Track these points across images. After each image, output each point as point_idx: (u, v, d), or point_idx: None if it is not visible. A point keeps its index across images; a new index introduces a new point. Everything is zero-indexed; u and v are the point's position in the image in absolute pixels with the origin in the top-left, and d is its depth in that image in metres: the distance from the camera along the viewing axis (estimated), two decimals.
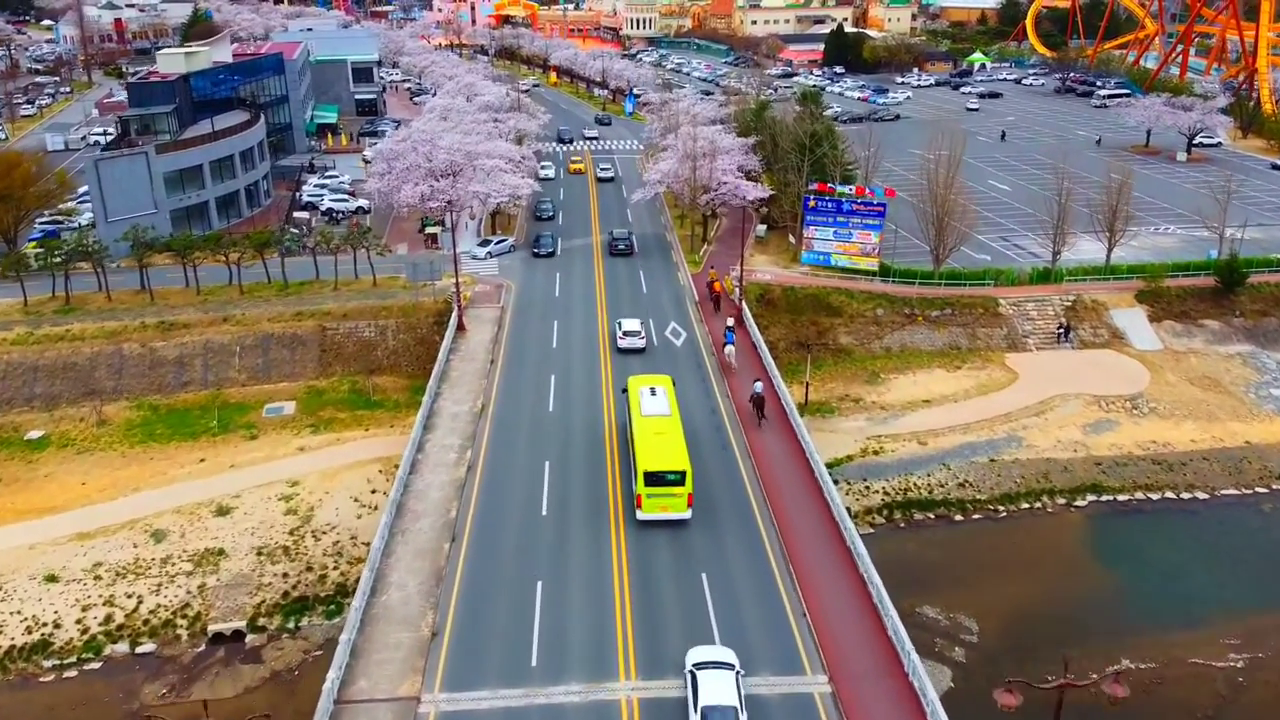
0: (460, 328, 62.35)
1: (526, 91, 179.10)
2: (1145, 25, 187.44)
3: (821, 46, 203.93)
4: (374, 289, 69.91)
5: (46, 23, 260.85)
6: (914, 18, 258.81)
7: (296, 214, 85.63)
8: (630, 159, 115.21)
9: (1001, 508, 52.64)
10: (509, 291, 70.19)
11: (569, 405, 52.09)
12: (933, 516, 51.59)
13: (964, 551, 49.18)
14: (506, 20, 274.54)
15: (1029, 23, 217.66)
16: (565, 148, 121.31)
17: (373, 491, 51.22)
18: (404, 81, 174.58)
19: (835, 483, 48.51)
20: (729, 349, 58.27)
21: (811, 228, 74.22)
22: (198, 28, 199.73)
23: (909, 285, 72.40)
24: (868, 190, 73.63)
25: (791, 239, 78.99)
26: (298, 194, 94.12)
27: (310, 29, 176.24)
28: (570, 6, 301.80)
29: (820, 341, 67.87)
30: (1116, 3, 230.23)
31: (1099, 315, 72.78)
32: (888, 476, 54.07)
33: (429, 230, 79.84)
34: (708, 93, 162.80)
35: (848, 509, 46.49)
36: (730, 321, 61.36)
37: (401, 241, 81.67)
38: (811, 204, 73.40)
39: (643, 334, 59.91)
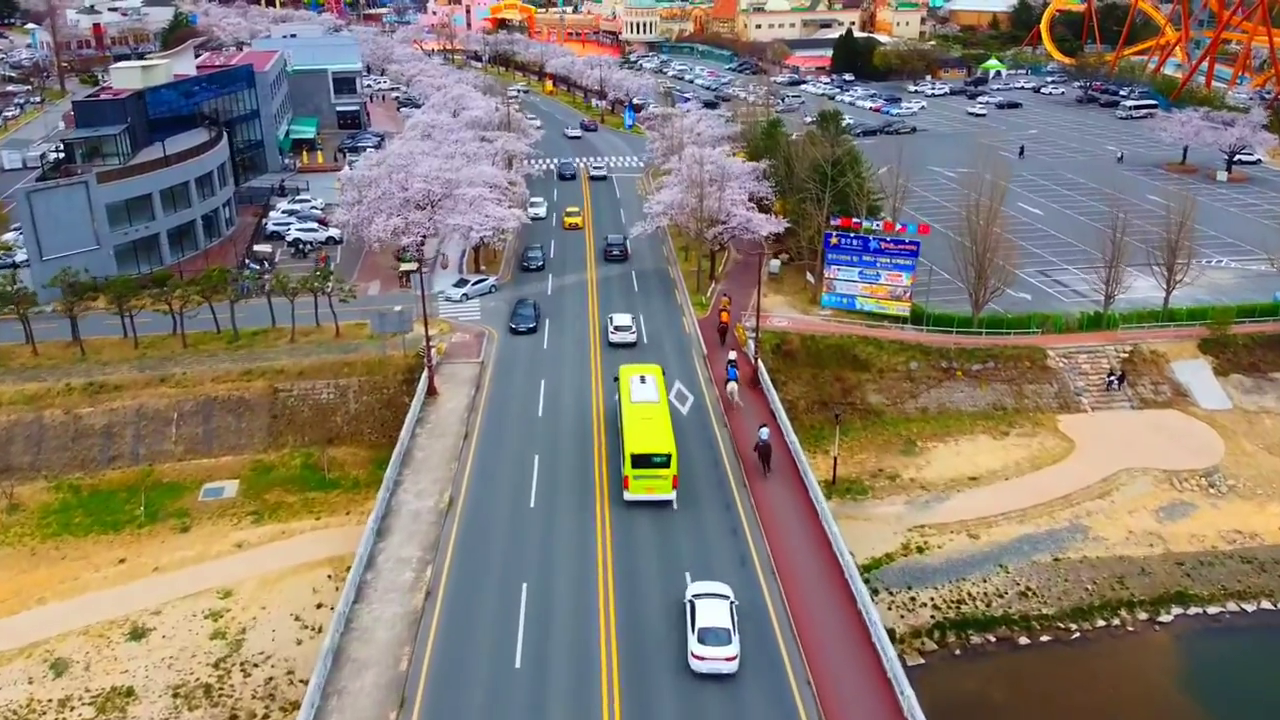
0: (431, 391, 53.80)
1: (515, 97, 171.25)
2: (1165, 32, 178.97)
3: (829, 52, 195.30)
4: (336, 340, 61.32)
5: (30, 26, 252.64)
6: (923, 21, 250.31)
7: (257, 247, 77.02)
8: (630, 179, 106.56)
9: (1074, 625, 43.98)
10: (491, 341, 61.62)
11: (554, 498, 43.52)
12: (993, 639, 42.94)
13: (1034, 687, 40.58)
14: (502, 24, 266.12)
15: (1044, 27, 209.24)
16: (567, 185, 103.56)
17: (318, 606, 42.63)
18: (392, 90, 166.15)
19: (874, 592, 40.28)
20: (731, 386, 52.99)
21: (834, 267, 65.68)
22: (179, 33, 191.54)
23: (945, 333, 63.85)
24: (898, 226, 65.05)
25: (809, 277, 70.43)
26: (264, 220, 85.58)
27: (294, 35, 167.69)
28: (568, 10, 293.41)
29: (846, 401, 59.32)
30: (1135, 8, 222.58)
31: (1159, 368, 64.22)
32: (936, 583, 45.46)
33: (404, 267, 71.28)
34: (711, 104, 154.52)
35: (890, 630, 38.11)
36: (732, 355, 56.42)
37: (373, 279, 73.13)
38: (834, 241, 64.86)
39: (634, 329, 61.38)
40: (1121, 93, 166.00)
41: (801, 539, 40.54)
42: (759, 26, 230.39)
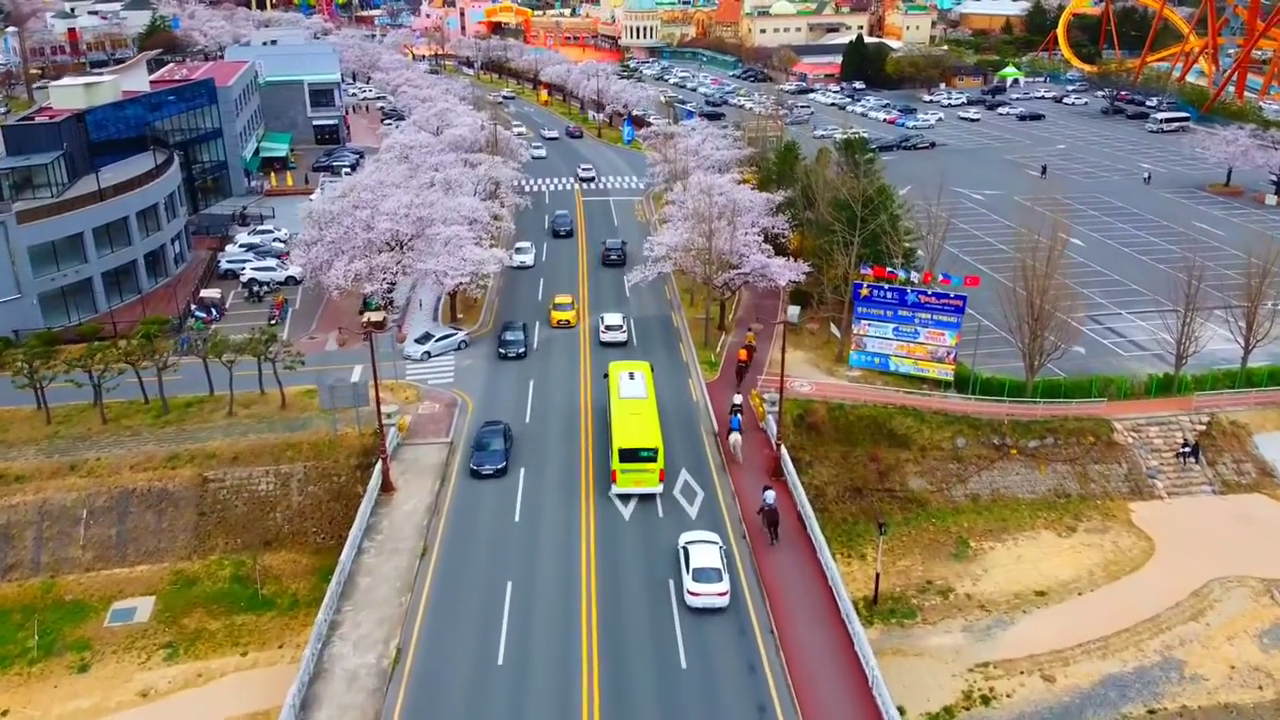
0: (386, 486, 44.73)
1: (501, 104, 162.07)
2: (1188, 39, 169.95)
3: (838, 59, 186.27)
4: (281, 413, 52.21)
5: (13, 30, 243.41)
6: (933, 25, 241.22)
7: (205, 292, 67.88)
8: (628, 202, 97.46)
9: None
10: (464, 413, 52.50)
11: (529, 650, 34.46)
12: None
13: None
14: (498, 28, 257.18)
15: (1060, 32, 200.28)
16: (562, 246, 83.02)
17: None
18: (378, 99, 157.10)
19: None
20: (735, 437, 47.66)
21: (864, 322, 56.62)
22: (155, 37, 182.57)
23: (995, 401, 54.74)
24: (940, 276, 55.99)
25: (834, 330, 61.35)
26: (219, 255, 76.55)
27: (274, 41, 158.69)
28: (566, 13, 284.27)
29: (883, 488, 50.31)
30: (1152, 12, 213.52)
31: (1241, 443, 55.23)
32: None
33: (369, 317, 62.21)
34: (715, 114, 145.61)
35: None
36: (737, 400, 50.72)
37: (335, 327, 64.07)
38: (864, 292, 55.81)
39: (624, 328, 61.20)
40: (1148, 103, 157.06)
41: (837, 687, 31.98)
42: (763, 31, 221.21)
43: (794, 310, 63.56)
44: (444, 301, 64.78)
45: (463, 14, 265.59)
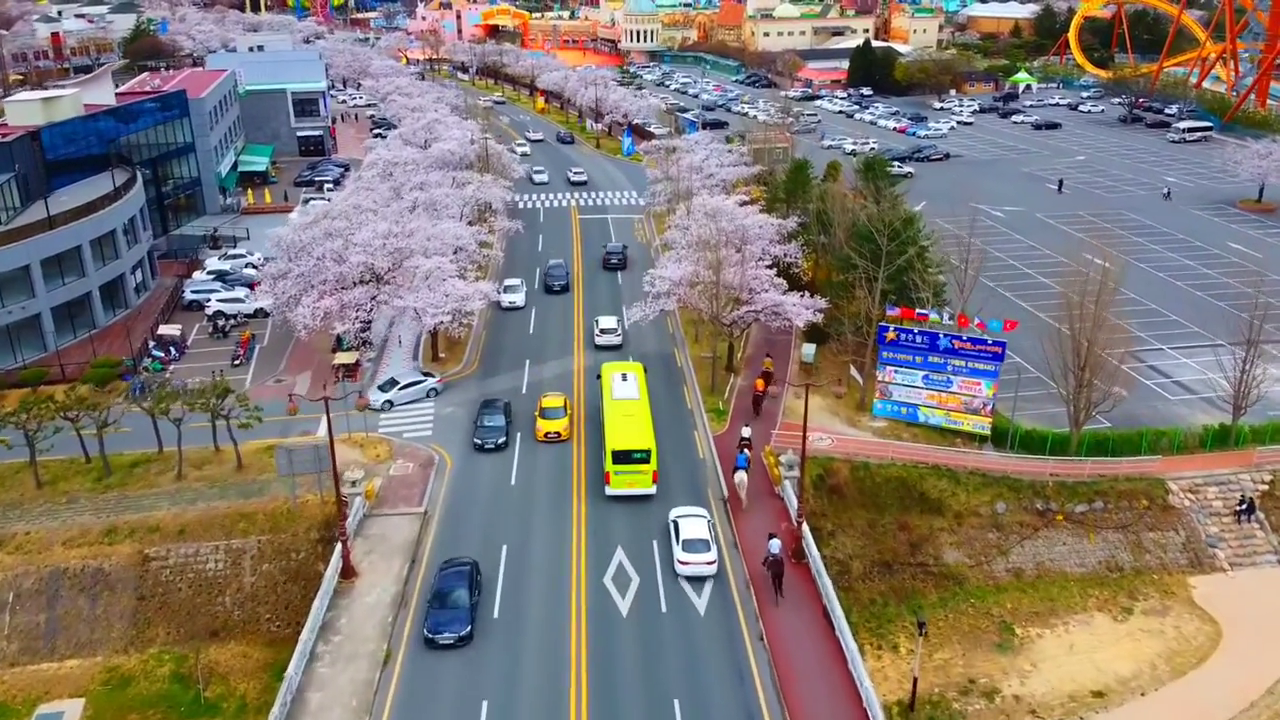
0: (347, 572, 39.00)
1: (490, 109, 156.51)
2: (1205, 44, 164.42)
3: (845, 64, 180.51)
4: (237, 475, 46.48)
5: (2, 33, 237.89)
6: (941, 29, 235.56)
7: (163, 328, 62.11)
8: (628, 221, 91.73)
9: None
10: (441, 475, 46.73)
11: None
12: None
13: None
14: (495, 31, 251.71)
15: (1072, 36, 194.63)
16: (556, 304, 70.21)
17: None
18: (369, 107, 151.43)
19: None
20: (740, 476, 44.12)
21: (889, 368, 50.91)
22: (140, 42, 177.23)
23: (1037, 458, 49.05)
24: (974, 321, 50.26)
25: (854, 374, 55.59)
26: (185, 284, 70.88)
27: (261, 47, 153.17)
28: (565, 15, 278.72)
29: (916, 562, 44.62)
30: (1167, 16, 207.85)
31: None
32: None
33: (340, 359, 56.48)
34: (718, 122, 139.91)
35: None
36: (746, 433, 47.72)
37: (306, 368, 58.40)
38: (890, 335, 50.10)
39: (619, 330, 60.58)
40: (1167, 111, 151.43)
41: None
42: (767, 35, 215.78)
43: (809, 349, 57.80)
44: (425, 340, 59.01)
45: (459, 17, 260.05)
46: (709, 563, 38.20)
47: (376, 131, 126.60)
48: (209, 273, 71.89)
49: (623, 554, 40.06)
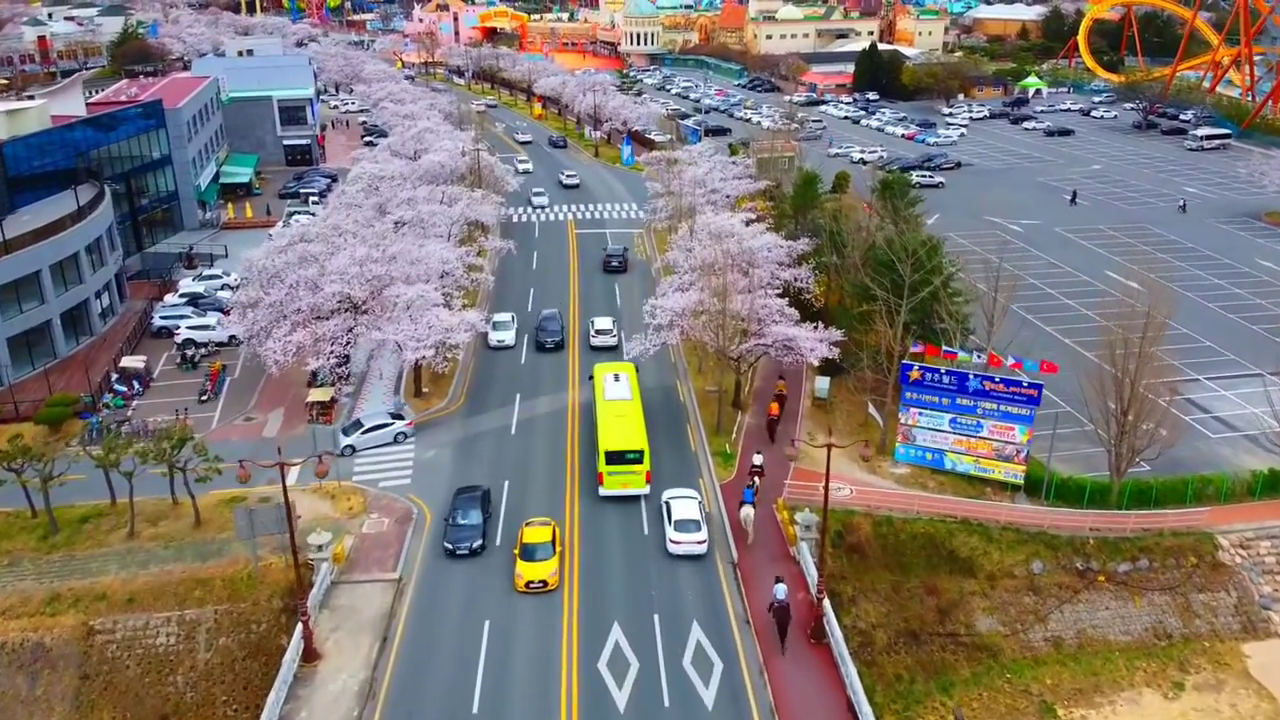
0: (309, 654, 34.64)
1: (482, 113, 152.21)
2: (1218, 48, 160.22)
3: (850, 68, 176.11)
4: (195, 534, 42.15)
5: None
6: (946, 31, 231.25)
7: (126, 361, 57.70)
8: (627, 235, 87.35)
9: None
10: (419, 532, 42.38)
11: None
12: None
13: None
14: (493, 34, 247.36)
15: (1081, 39, 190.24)
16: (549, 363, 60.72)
17: None
18: (361, 112, 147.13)
19: None
20: (746, 511, 41.63)
21: (913, 410, 46.57)
22: (127, 46, 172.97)
23: (1075, 511, 44.75)
24: (1008, 360, 45.96)
25: (872, 410, 51.26)
26: (155, 307, 66.59)
27: (250, 51, 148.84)
28: (564, 17, 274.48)
29: (945, 631, 40.30)
30: (1177, 18, 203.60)
31: None
32: None
33: (314, 396, 52.13)
34: (721, 128, 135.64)
35: None
36: (758, 460, 45.58)
37: (278, 405, 54.07)
38: (914, 375, 45.77)
39: (614, 332, 60.42)
40: (1182, 117, 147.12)
41: None
42: (769, 37, 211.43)
43: (823, 384, 53.44)
44: (407, 373, 54.64)
45: (456, 19, 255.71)
46: (699, 542, 39.80)
47: (367, 139, 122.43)
48: (181, 295, 67.54)
49: (619, 632, 35.73)
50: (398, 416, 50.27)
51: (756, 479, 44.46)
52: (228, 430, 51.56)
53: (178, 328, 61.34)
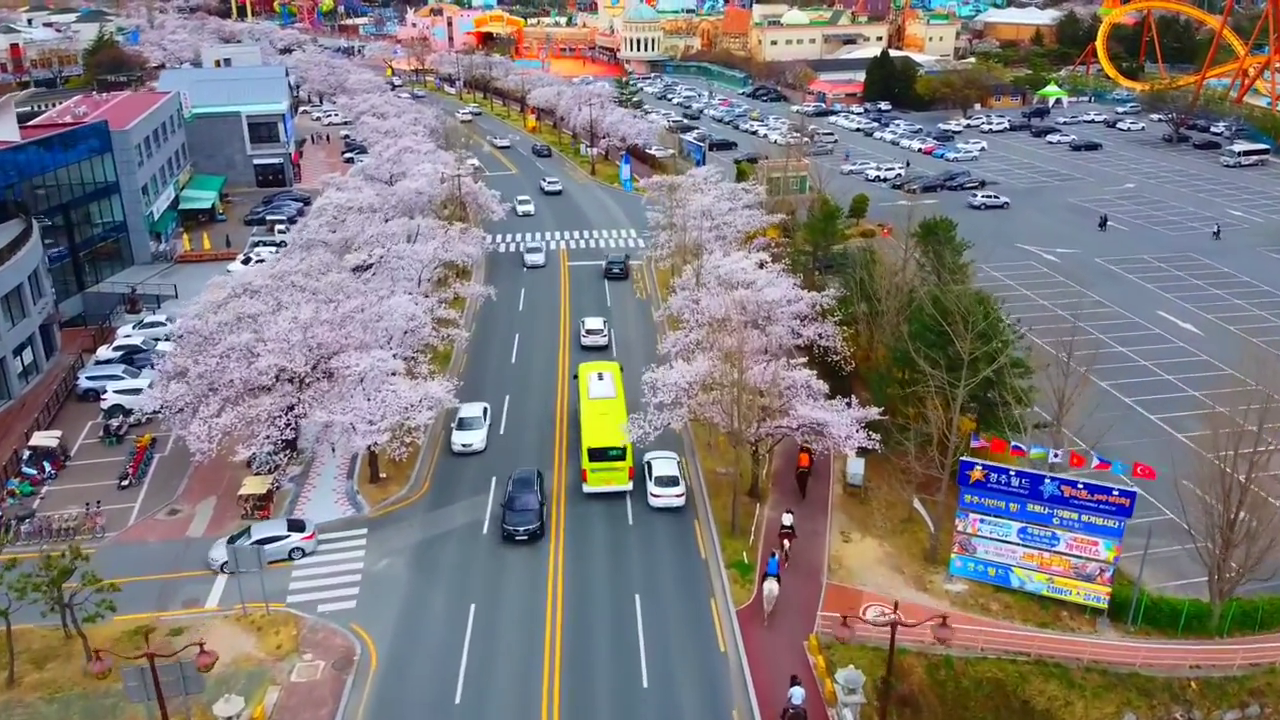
0: None
1: (469, 122, 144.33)
2: (1244, 56, 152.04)
3: (860, 75, 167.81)
4: (85, 684, 33.75)
5: None
6: (958, 36, 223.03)
7: (38, 437, 49.14)
8: (624, 286, 78.87)
9: None
10: (361, 683, 33.80)
11: None
12: None
13: None
14: (488, 39, 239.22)
15: (1099, 44, 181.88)
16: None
17: None
18: (345, 124, 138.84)
19: None
20: (770, 586, 36.28)
21: (973, 516, 38.14)
22: (101, 54, 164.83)
23: (1171, 644, 36.35)
24: (1094, 459, 37.59)
25: (918, 504, 42.86)
26: (84, 363, 58.24)
27: (228, 60, 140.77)
28: (562, 22, 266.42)
29: None
30: (1198, 23, 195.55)
31: None
32: None
33: (247, 489, 43.69)
34: (726, 142, 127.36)
35: None
36: (787, 520, 40.15)
37: (210, 493, 45.68)
38: (975, 475, 37.38)
39: (605, 332, 60.86)
40: (1213, 129, 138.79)
41: None
42: (774, 43, 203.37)
43: (856, 468, 44.98)
44: (363, 455, 46.21)
45: (450, 24, 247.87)
46: (678, 495, 42.94)
47: (348, 155, 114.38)
48: (115, 349, 59.16)
49: None
50: (297, 527, 40.93)
51: (785, 543, 39.23)
52: (147, 527, 43.26)
53: (104, 391, 52.95)
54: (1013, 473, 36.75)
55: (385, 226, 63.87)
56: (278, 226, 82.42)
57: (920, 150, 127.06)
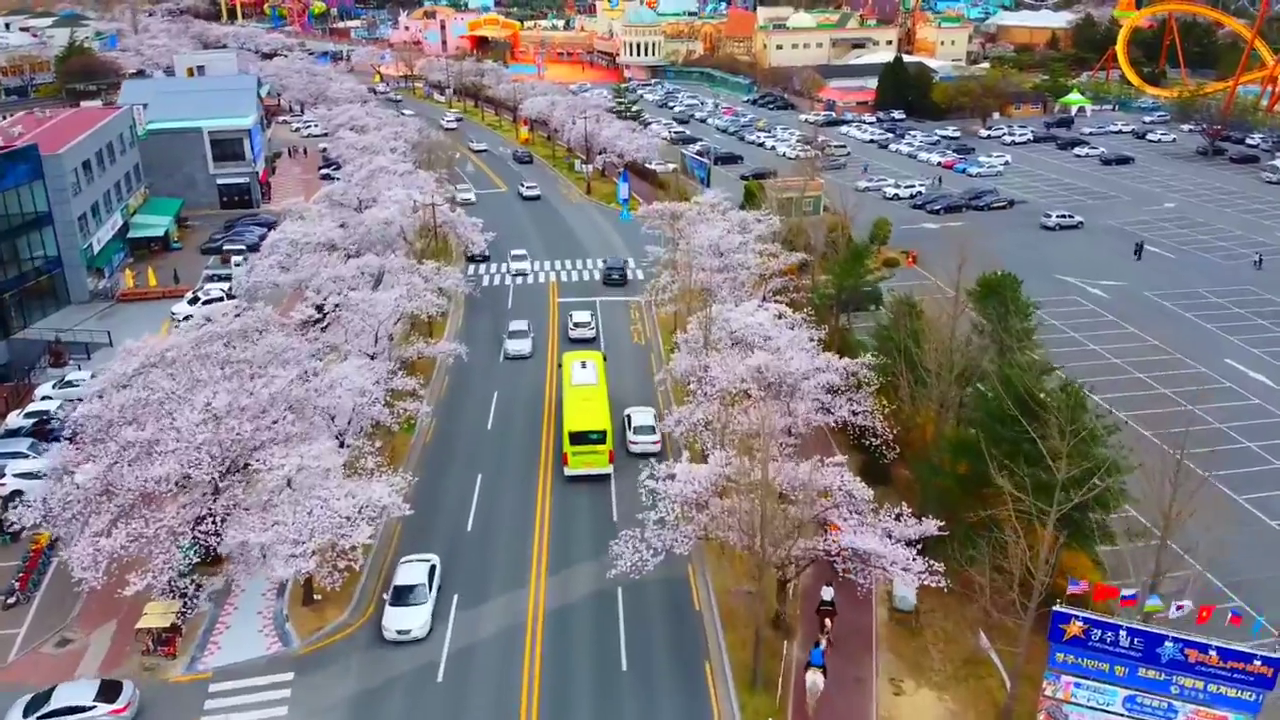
0: None
1: (455, 129, 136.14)
2: (1275, 64, 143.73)
3: (872, 82, 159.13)
4: None
5: None
6: (970, 40, 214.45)
7: None
8: (622, 307, 70.39)
9: None
10: None
11: None
12: None
13: None
14: (482, 43, 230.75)
15: (1120, 48, 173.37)
16: None
17: None
18: (325, 136, 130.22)
19: None
20: (814, 678, 31.27)
21: (1066, 679, 29.51)
22: (73, 61, 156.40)
23: None
24: (1229, 613, 28.97)
25: (985, 646, 34.18)
26: None
27: (201, 68, 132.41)
28: (559, 25, 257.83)
29: None
30: (1217, 27, 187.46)
31: None
32: None
33: (149, 621, 35.04)
34: (731, 155, 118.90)
35: None
36: (827, 595, 35.56)
37: (110, 617, 37.09)
38: (1072, 630, 28.75)
39: (592, 324, 62.83)
40: (1249, 141, 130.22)
41: None
42: (780, 47, 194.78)
43: (905, 592, 36.22)
44: (289, 587, 37.41)
45: (443, 27, 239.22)
46: (655, 442, 47.56)
47: (324, 171, 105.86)
48: (27, 415, 50.57)
49: None
50: (107, 694, 31.50)
51: (827, 623, 34.80)
52: (29, 664, 34.85)
53: (2, 475, 44.33)
54: (1124, 630, 28.14)
55: (346, 267, 55.30)
56: (235, 258, 73.88)
57: (940, 164, 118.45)
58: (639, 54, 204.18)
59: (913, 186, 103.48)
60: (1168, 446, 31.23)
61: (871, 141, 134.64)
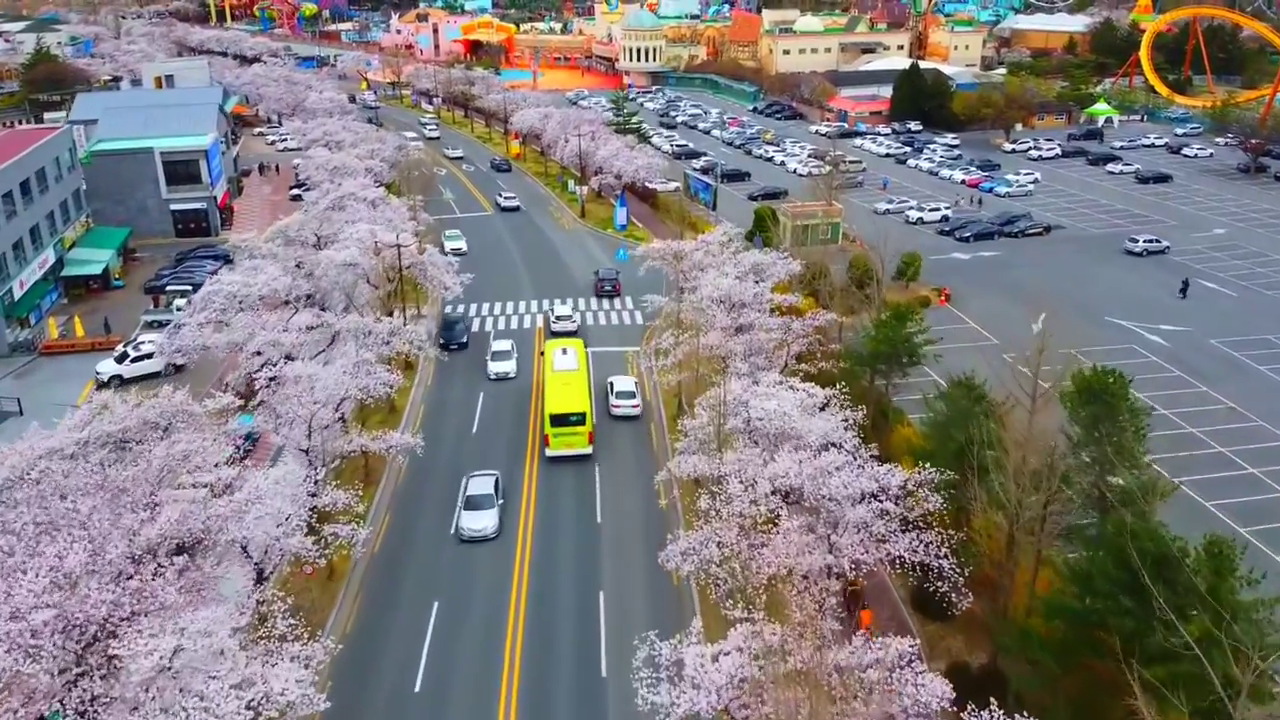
0: None
1: (438, 133, 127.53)
2: None
3: (885, 90, 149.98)
4: None
5: None
6: (985, 44, 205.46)
7: None
8: (618, 358, 61.29)
9: None
10: None
11: None
12: None
13: None
14: (477, 47, 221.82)
15: (1144, 54, 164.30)
16: None
17: None
18: (298, 152, 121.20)
19: None
20: None
21: None
22: (40, 68, 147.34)
23: None
24: None
25: None
26: None
27: (170, 76, 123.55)
28: (556, 29, 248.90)
29: None
30: (1242, 33, 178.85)
31: None
32: None
33: None
34: (738, 173, 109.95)
35: None
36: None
37: None
38: None
39: (574, 317, 64.46)
40: None
41: None
42: (786, 52, 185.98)
43: None
44: None
45: (436, 30, 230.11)
46: (635, 406, 52.03)
47: (295, 191, 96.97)
48: None
49: None
50: None
51: None
52: None
53: None
54: None
55: (287, 328, 46.33)
56: (176, 301, 64.89)
57: (964, 182, 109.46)
58: (639, 59, 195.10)
59: (938, 210, 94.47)
60: None
61: (888, 155, 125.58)
